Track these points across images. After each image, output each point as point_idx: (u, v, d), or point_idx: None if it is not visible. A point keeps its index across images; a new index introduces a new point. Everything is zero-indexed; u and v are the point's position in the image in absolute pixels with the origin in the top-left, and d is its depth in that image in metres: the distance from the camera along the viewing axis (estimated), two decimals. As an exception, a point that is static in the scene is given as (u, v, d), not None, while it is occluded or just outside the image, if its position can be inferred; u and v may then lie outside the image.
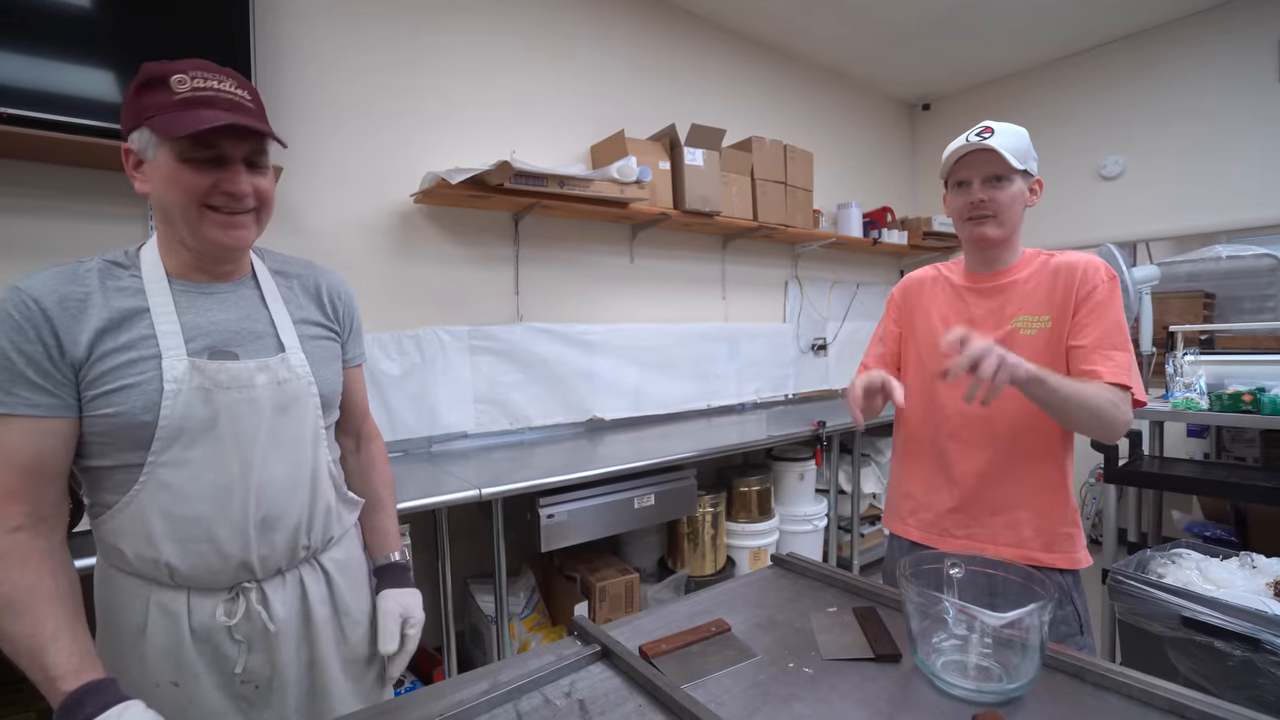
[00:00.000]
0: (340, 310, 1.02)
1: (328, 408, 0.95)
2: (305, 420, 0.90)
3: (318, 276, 1.01)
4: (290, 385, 0.88)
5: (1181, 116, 3.33)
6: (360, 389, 1.09)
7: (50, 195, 1.70)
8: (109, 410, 0.77)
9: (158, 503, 0.79)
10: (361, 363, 1.09)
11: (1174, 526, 2.89)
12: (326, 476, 0.93)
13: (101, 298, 0.80)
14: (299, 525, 0.88)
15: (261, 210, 0.86)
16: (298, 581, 0.91)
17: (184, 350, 0.81)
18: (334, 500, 0.95)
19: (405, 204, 2.29)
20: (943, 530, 1.24)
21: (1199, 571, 1.66)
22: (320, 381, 0.92)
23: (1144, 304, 2.83)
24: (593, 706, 0.75)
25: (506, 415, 2.50)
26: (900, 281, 1.41)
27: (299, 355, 0.90)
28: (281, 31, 2.03)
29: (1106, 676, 0.77)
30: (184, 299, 0.85)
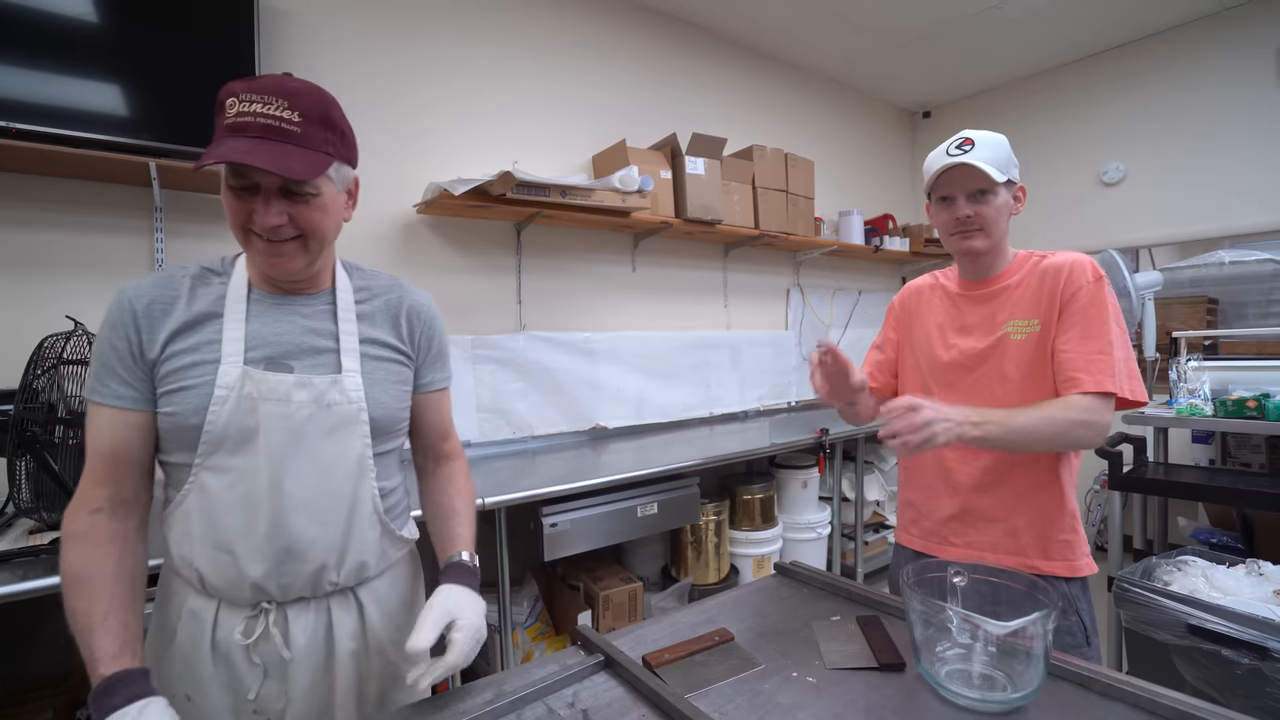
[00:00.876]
0: (418, 333, 0.99)
1: (382, 434, 0.91)
2: (350, 447, 0.86)
3: (402, 295, 0.99)
4: (339, 409, 0.85)
5: (1182, 122, 3.34)
6: (440, 413, 1.05)
7: (57, 209, 1.72)
8: (168, 409, 0.80)
9: (199, 505, 0.81)
10: (443, 386, 1.05)
11: (1180, 533, 2.88)
12: (369, 510, 0.89)
13: (186, 302, 0.83)
14: (325, 559, 0.84)
15: (309, 238, 0.83)
16: (324, 610, 0.87)
17: (242, 358, 0.82)
18: (375, 535, 0.90)
19: (408, 214, 2.30)
20: (942, 539, 1.24)
21: (1205, 579, 1.64)
22: (374, 405, 0.89)
23: (1147, 310, 2.83)
24: (596, 717, 0.75)
25: (509, 424, 2.51)
26: (900, 290, 1.42)
27: (355, 378, 0.87)
28: (287, 44, 2.05)
29: (1112, 685, 0.76)
30: (258, 307, 0.86)
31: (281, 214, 0.79)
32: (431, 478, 1.06)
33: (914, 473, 1.31)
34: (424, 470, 1.08)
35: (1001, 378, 1.16)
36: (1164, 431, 2.67)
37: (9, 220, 1.66)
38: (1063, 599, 1.13)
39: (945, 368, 1.24)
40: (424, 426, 1.03)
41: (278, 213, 0.79)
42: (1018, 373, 1.15)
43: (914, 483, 1.31)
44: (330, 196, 0.84)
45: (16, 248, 1.66)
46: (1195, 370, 2.40)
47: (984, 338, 1.20)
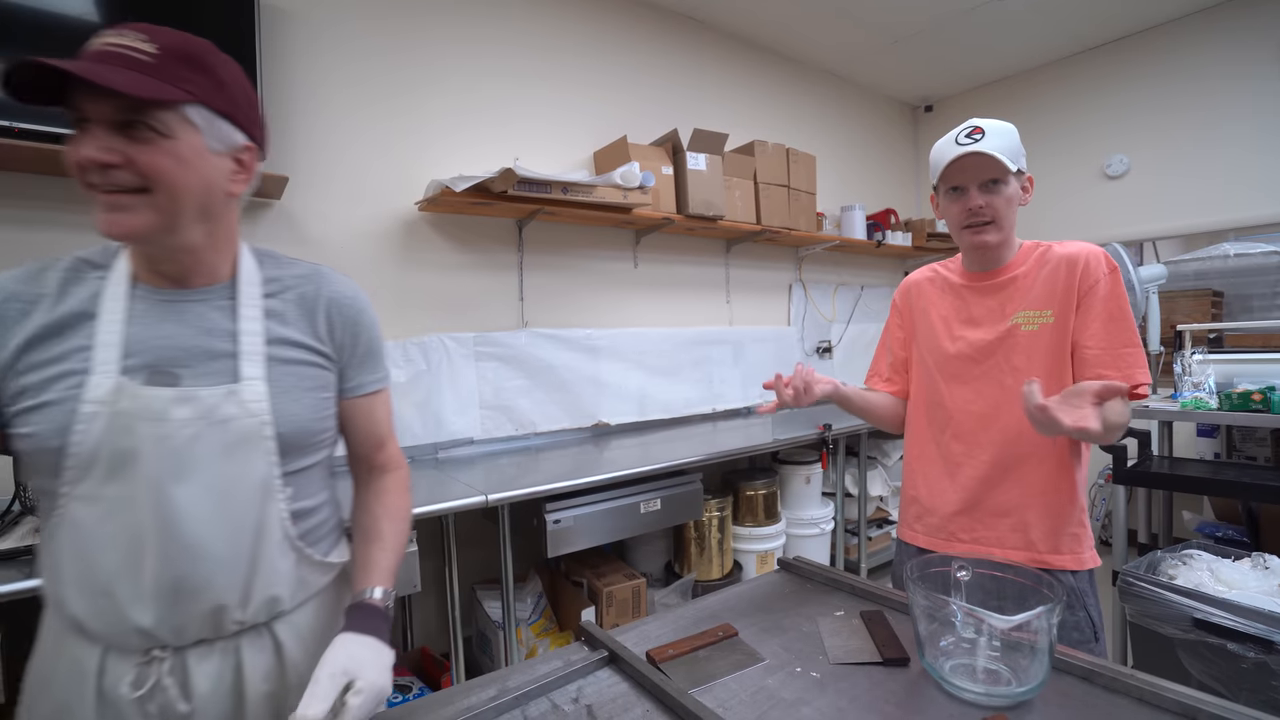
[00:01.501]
0: (339, 329, 0.85)
1: (295, 450, 0.79)
2: (251, 467, 0.74)
3: (321, 287, 0.85)
4: (236, 424, 0.73)
5: (1186, 114, 3.32)
6: (373, 419, 0.92)
7: (60, 208, 1.72)
8: (25, 430, 0.68)
9: (70, 541, 0.70)
10: (375, 390, 0.91)
11: (1185, 527, 2.87)
12: (278, 537, 0.77)
13: (53, 301, 0.71)
14: (226, 599, 0.73)
15: (157, 191, 0.67)
16: (232, 652, 0.76)
17: (117, 366, 0.69)
18: (289, 565, 0.79)
19: (410, 212, 2.30)
20: (949, 534, 1.22)
21: (1211, 573, 1.64)
22: (282, 418, 0.76)
23: (1151, 303, 2.81)
24: (600, 712, 0.75)
25: (512, 421, 2.51)
26: (901, 285, 1.38)
27: (256, 388, 0.75)
28: (287, 43, 2.05)
29: (1117, 679, 0.76)
30: (140, 306, 0.73)
31: (112, 150, 0.64)
32: (362, 493, 0.94)
33: (919, 468, 1.29)
34: (357, 481, 0.96)
35: (1012, 369, 1.15)
36: (1169, 425, 2.66)
37: (12, 219, 1.67)
38: (1070, 594, 1.12)
39: (952, 360, 1.22)
40: (354, 436, 0.91)
41: (106, 147, 0.64)
42: (1028, 364, 1.14)
43: (919, 478, 1.28)
44: (190, 147, 0.68)
45: (19, 246, 1.67)
46: (1200, 363, 2.39)
47: (992, 329, 1.18)
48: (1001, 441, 1.15)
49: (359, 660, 0.72)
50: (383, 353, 0.94)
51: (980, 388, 1.18)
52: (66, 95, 0.65)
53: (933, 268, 1.34)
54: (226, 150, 0.73)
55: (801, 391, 1.14)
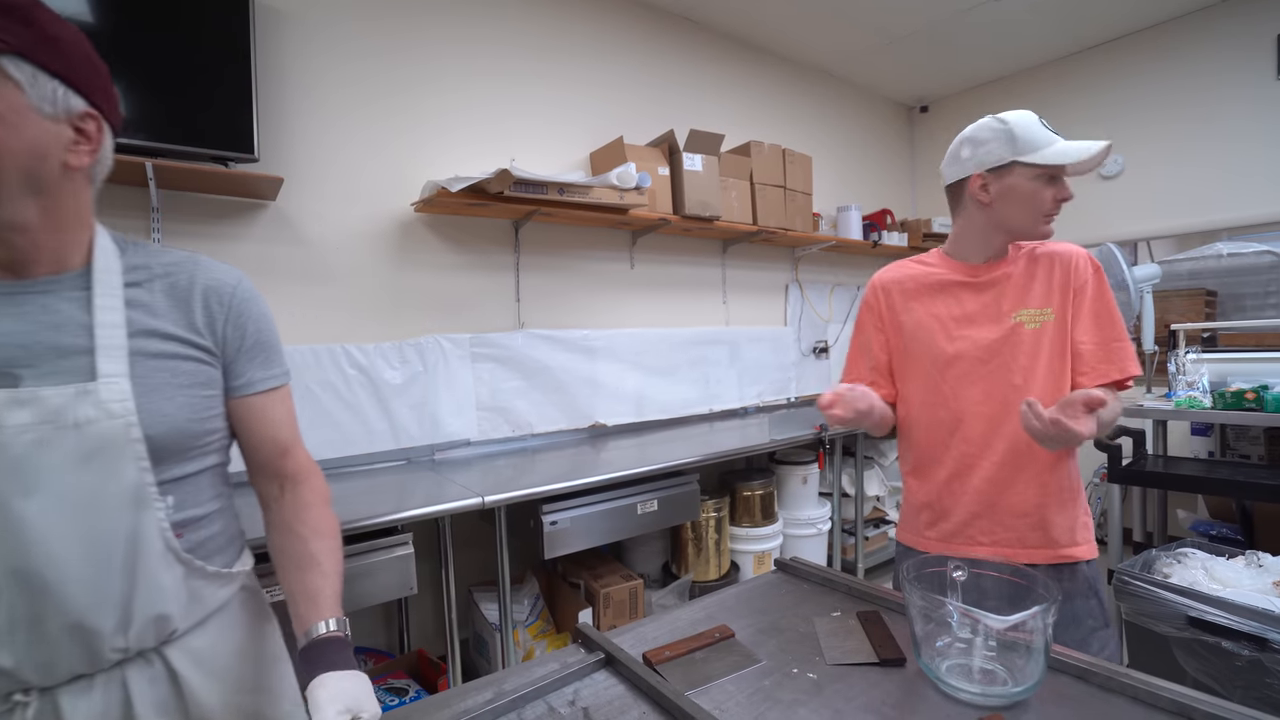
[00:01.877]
0: (220, 320, 0.77)
1: (173, 455, 0.71)
2: (118, 476, 0.66)
3: (195, 274, 0.76)
4: (95, 428, 0.64)
5: (1180, 114, 3.34)
6: (270, 421, 0.82)
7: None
8: None
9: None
10: (269, 388, 0.82)
11: (1179, 526, 2.88)
12: (158, 550, 0.69)
13: None
14: (99, 622, 0.65)
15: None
16: (117, 685, 0.67)
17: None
18: (176, 579, 0.71)
19: (406, 213, 2.30)
20: (968, 539, 1.18)
21: (1205, 571, 1.65)
22: (152, 419, 0.68)
23: (1145, 303, 2.83)
24: (597, 715, 0.75)
25: (509, 422, 2.51)
26: (871, 284, 1.32)
27: (118, 386, 0.66)
28: (282, 42, 2.04)
29: (1112, 678, 0.77)
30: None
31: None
32: (276, 511, 0.84)
33: (926, 473, 1.25)
34: (266, 500, 0.85)
35: (1020, 368, 1.15)
36: (1163, 424, 2.68)
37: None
38: (1085, 582, 1.15)
39: (954, 360, 1.19)
40: (251, 441, 0.82)
41: None
42: (1031, 363, 1.14)
43: (927, 484, 1.24)
44: (8, 103, 0.61)
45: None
46: (1194, 363, 2.40)
47: (994, 327, 1.16)
48: (1014, 440, 1.13)
49: (355, 696, 0.66)
50: (278, 346, 0.85)
51: (989, 388, 1.16)
52: None
53: (904, 265, 1.30)
54: (62, 115, 0.65)
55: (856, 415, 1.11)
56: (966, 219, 1.20)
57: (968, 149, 1.17)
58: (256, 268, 2.01)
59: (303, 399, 2.05)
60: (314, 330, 2.11)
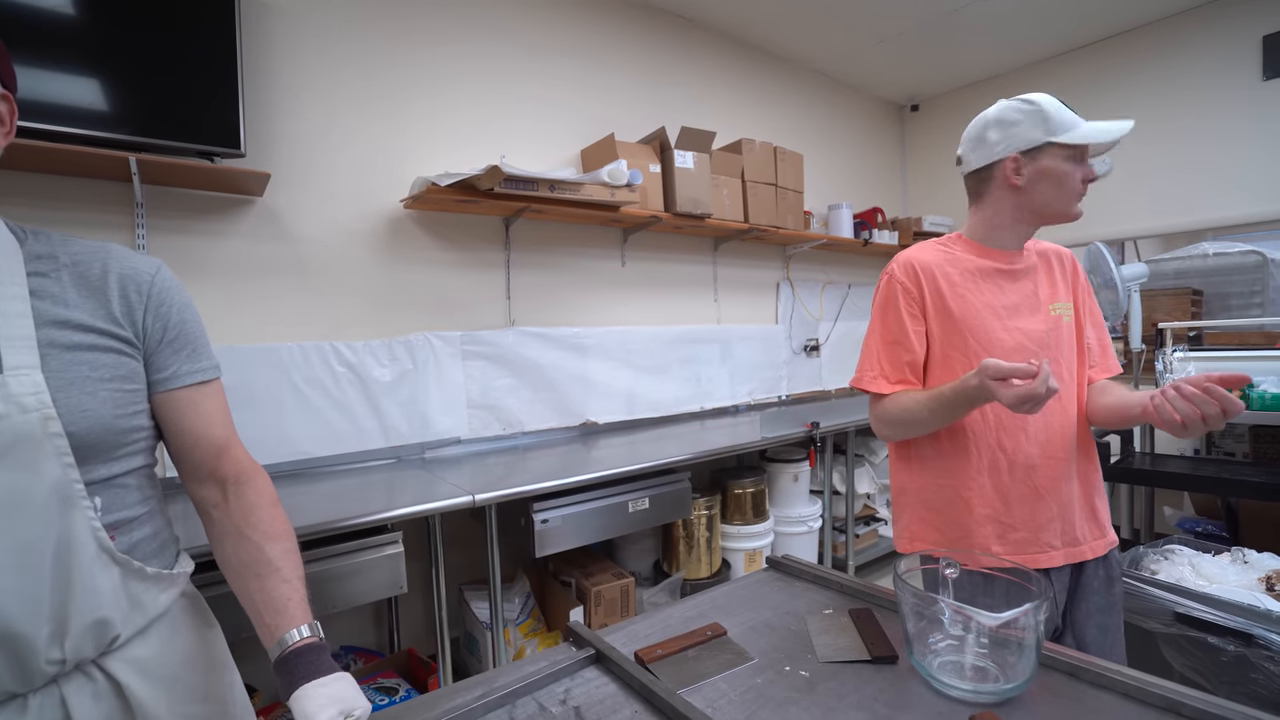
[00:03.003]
0: (139, 309, 0.72)
1: (94, 452, 0.66)
2: (40, 474, 0.62)
3: (107, 262, 0.72)
4: (7, 424, 0.60)
5: (1168, 115, 3.37)
6: (201, 417, 0.77)
7: (36, 204, 1.68)
8: None
9: None
10: (198, 381, 0.77)
11: (1166, 523, 2.91)
12: (91, 551, 0.65)
13: None
14: (30, 631, 0.60)
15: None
16: (55, 704, 0.63)
17: None
18: (113, 582, 0.67)
19: (395, 210, 2.28)
20: (1044, 546, 1.10)
21: (1192, 567, 1.67)
22: (72, 414, 0.64)
23: (1133, 302, 2.85)
24: (589, 713, 0.74)
25: (499, 420, 2.49)
26: (904, 266, 1.17)
27: (29, 379, 0.62)
28: (270, 39, 2.02)
29: (1103, 675, 0.77)
30: None
31: None
32: (220, 518, 0.77)
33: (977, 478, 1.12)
34: (206, 507, 0.79)
35: (1065, 360, 1.15)
36: (1150, 422, 2.70)
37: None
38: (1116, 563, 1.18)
39: (1013, 353, 1.10)
40: (183, 440, 0.77)
41: None
42: (1070, 356, 1.17)
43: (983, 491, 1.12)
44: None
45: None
46: (1180, 361, 2.42)
47: (1038, 318, 1.14)
48: (1065, 434, 1.12)
49: (343, 697, 0.63)
50: (204, 338, 0.80)
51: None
52: None
53: (934, 246, 1.19)
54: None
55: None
56: (994, 205, 1.14)
57: (996, 132, 1.12)
58: (244, 264, 1.98)
59: (291, 397, 2.03)
60: (302, 328, 2.08)
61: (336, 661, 0.69)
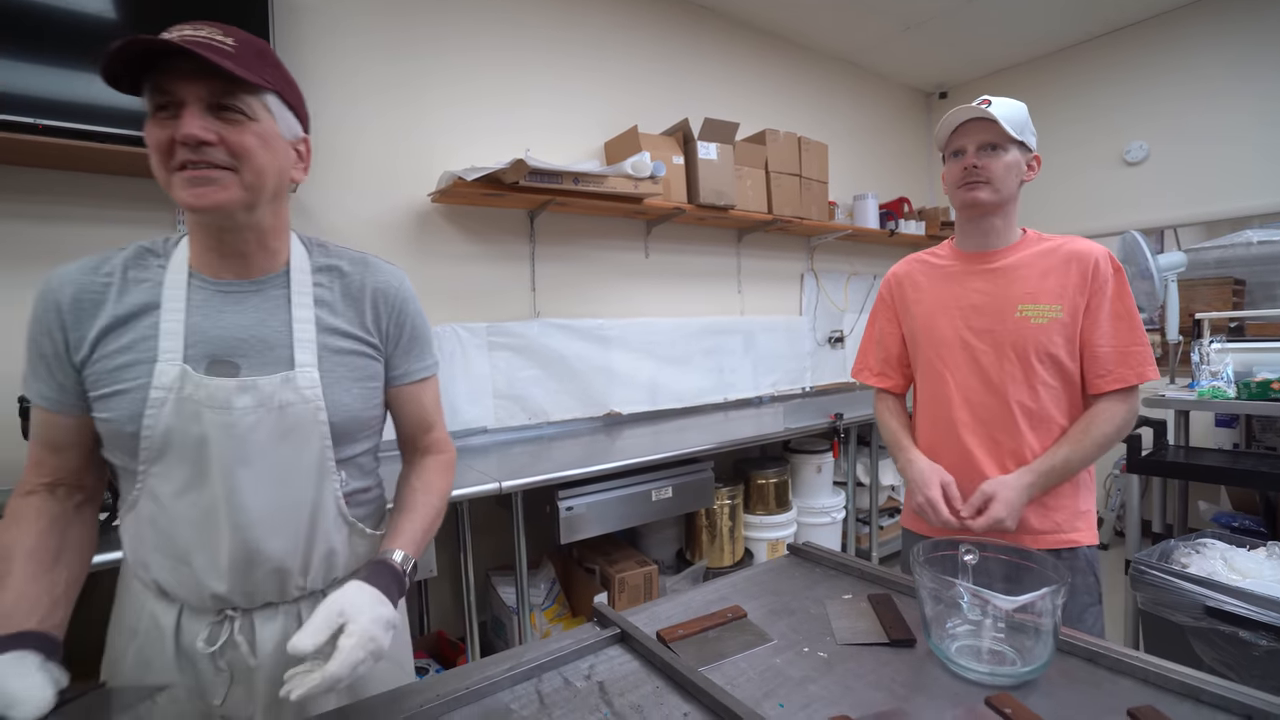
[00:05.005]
0: (385, 319, 0.87)
1: (345, 437, 0.83)
2: (308, 450, 0.79)
3: (366, 276, 0.87)
4: (293, 410, 0.77)
5: (1207, 98, 3.26)
6: (419, 407, 0.94)
7: (82, 202, 1.76)
8: (103, 414, 0.73)
9: (151, 513, 0.76)
10: (422, 377, 0.93)
11: (1200, 518, 2.84)
12: (333, 513, 0.83)
13: (118, 291, 0.75)
14: (289, 566, 0.79)
15: (244, 169, 0.72)
16: (294, 616, 0.81)
17: (181, 354, 0.73)
18: (343, 538, 0.85)
19: (423, 203, 2.33)
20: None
21: (1224, 561, 1.63)
22: (333, 407, 0.80)
23: (1170, 291, 2.78)
24: (612, 688, 0.77)
25: (525, 410, 2.54)
26: (886, 277, 1.39)
27: (310, 375, 0.78)
28: (301, 35, 2.07)
29: (1121, 661, 0.77)
30: (199, 295, 0.77)
31: (209, 129, 0.69)
32: (405, 470, 0.97)
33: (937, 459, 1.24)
34: (405, 463, 0.99)
35: (1022, 361, 1.16)
36: (1185, 415, 2.64)
37: (36, 215, 1.71)
38: (1085, 562, 1.18)
39: (958, 350, 1.22)
40: (402, 421, 0.94)
41: (204, 126, 0.68)
42: (1036, 358, 1.15)
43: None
44: (270, 131, 0.74)
45: (43, 242, 1.71)
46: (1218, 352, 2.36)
47: (996, 318, 1.18)
48: (1016, 432, 1.17)
49: (357, 605, 0.71)
50: (430, 340, 0.96)
51: (986, 379, 1.18)
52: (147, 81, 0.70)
53: (918, 257, 1.34)
54: (292, 139, 0.79)
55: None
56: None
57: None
58: (279, 258, 2.05)
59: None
60: (335, 319, 2.14)
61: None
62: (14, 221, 1.68)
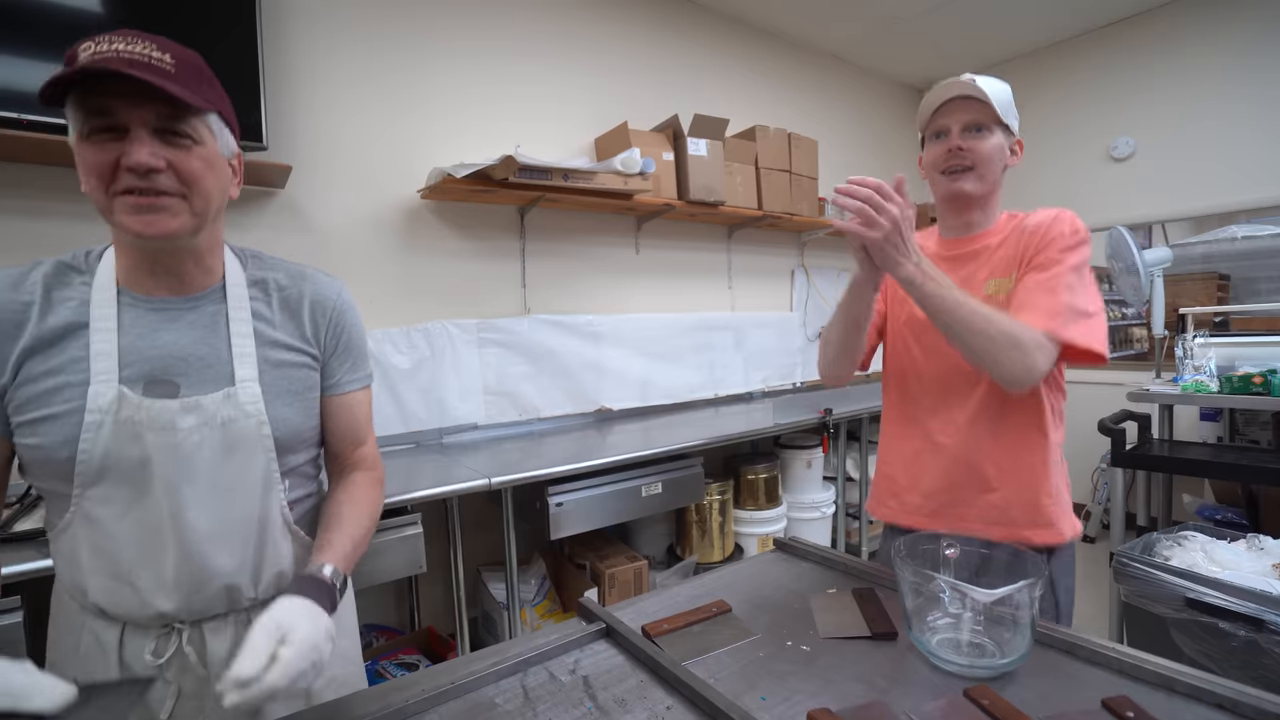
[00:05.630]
0: (323, 329, 0.87)
1: (286, 450, 0.83)
2: (253, 465, 0.79)
3: (303, 286, 0.87)
4: (236, 426, 0.77)
5: (1194, 95, 3.29)
6: (350, 418, 0.92)
7: (69, 199, 1.75)
8: (31, 440, 0.71)
9: (86, 536, 0.74)
10: (354, 389, 0.92)
11: (1185, 510, 2.88)
12: (279, 524, 0.83)
13: (40, 310, 0.72)
14: (238, 582, 0.79)
15: (192, 195, 0.71)
16: (245, 624, 0.80)
17: (116, 375, 0.71)
18: (289, 548, 0.85)
19: (412, 200, 2.32)
20: (931, 512, 1.16)
21: (1205, 553, 1.66)
22: (277, 421, 0.80)
23: (1156, 287, 2.81)
24: (596, 682, 0.78)
25: (515, 406, 2.54)
26: None
27: (252, 389, 0.78)
28: (289, 33, 2.06)
29: (1098, 652, 0.79)
30: (130, 314, 0.75)
31: (158, 155, 0.67)
32: (332, 485, 0.94)
33: (893, 444, 1.24)
34: (331, 479, 0.95)
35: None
36: (1169, 409, 2.67)
37: (23, 210, 1.69)
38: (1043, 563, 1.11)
39: (927, 327, 1.13)
40: (333, 432, 0.91)
41: (152, 153, 0.67)
42: None
43: (894, 455, 1.23)
44: (213, 152, 0.74)
45: (31, 237, 1.70)
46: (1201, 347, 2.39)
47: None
48: (980, 416, 1.10)
49: (292, 615, 0.68)
50: (366, 353, 0.95)
51: (957, 360, 1.09)
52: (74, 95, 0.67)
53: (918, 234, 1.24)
54: (229, 156, 0.79)
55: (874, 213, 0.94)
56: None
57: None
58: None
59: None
60: (323, 316, 2.14)
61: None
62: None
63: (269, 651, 0.64)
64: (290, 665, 0.63)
